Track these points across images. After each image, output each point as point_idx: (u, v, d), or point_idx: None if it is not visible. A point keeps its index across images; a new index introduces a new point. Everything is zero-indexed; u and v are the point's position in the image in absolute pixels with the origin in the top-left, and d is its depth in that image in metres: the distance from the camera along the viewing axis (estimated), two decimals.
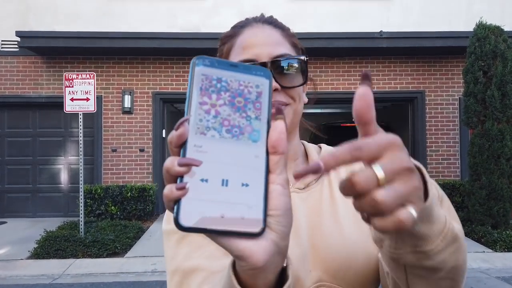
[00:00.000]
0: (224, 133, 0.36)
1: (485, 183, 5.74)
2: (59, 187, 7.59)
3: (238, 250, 0.34)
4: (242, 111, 0.37)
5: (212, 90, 0.36)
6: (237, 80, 0.37)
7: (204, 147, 0.35)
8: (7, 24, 7.20)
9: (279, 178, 0.36)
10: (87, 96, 5.61)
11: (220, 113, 0.36)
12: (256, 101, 0.37)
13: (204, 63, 0.37)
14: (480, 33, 5.91)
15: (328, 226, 0.69)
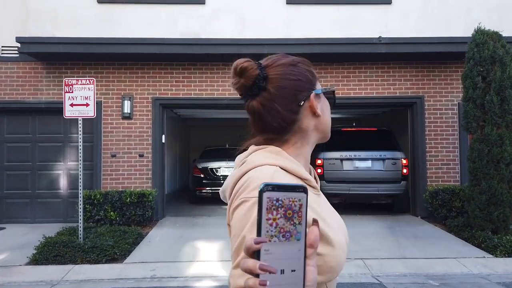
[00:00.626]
0: (281, 238, 0.53)
1: (485, 188, 5.73)
2: (58, 193, 7.58)
3: None
4: (291, 220, 0.53)
5: (273, 208, 0.53)
6: (288, 198, 0.53)
7: (270, 250, 0.52)
8: (7, 30, 7.23)
9: (312, 262, 0.55)
10: (87, 102, 5.62)
11: (278, 224, 0.53)
12: (299, 211, 0.54)
13: (268, 189, 0.53)
14: (478, 39, 5.94)
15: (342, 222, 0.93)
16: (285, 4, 7.07)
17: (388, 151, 7.61)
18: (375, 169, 7.54)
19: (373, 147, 7.68)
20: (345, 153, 7.59)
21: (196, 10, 7.06)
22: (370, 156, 7.57)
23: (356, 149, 7.65)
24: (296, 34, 6.99)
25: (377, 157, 7.55)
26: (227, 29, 7.00)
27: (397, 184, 7.51)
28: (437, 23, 7.01)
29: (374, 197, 7.72)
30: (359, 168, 7.57)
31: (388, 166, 7.52)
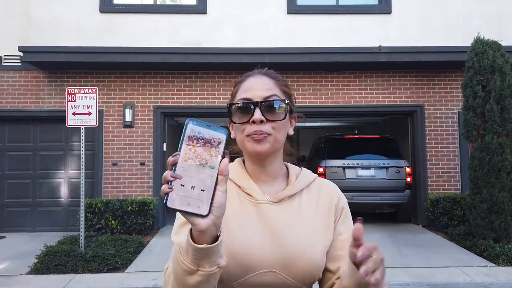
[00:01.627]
0: (196, 162, 0.67)
1: (486, 197, 5.74)
2: (59, 201, 7.56)
3: (193, 220, 0.67)
4: (208, 151, 0.67)
5: (194, 138, 0.67)
6: (209, 133, 0.68)
7: (185, 168, 0.66)
8: (10, 39, 7.28)
9: (221, 188, 0.68)
10: (89, 111, 5.64)
11: (196, 151, 0.67)
12: (216, 146, 0.68)
13: (193, 122, 0.68)
14: (478, 48, 5.99)
15: (291, 232, 0.94)
16: (286, 14, 7.14)
17: (392, 159, 7.48)
18: (378, 178, 7.40)
19: (376, 155, 7.57)
20: (347, 161, 7.46)
21: (197, 20, 7.11)
22: (373, 164, 7.42)
23: (358, 157, 7.53)
24: (297, 43, 7.04)
25: (380, 166, 7.40)
26: (228, 38, 7.06)
27: (401, 193, 7.36)
28: (436, 32, 7.08)
29: (378, 206, 7.56)
30: (362, 177, 7.40)
31: (391, 174, 7.37)
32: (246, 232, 0.92)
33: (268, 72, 1.02)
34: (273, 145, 0.95)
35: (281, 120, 0.95)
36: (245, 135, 0.95)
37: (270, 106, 0.94)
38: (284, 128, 0.98)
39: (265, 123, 0.93)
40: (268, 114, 0.93)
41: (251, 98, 0.94)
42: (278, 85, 1.00)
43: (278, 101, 0.95)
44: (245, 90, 0.97)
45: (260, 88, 0.96)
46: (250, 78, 1.00)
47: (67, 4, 6.98)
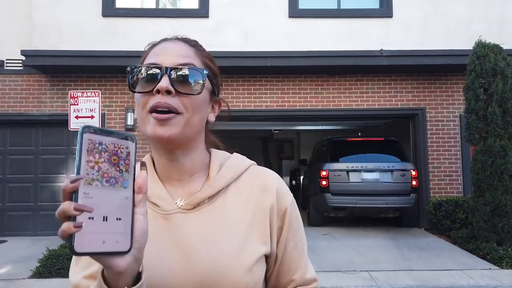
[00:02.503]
0: (104, 183, 0.51)
1: (489, 200, 5.74)
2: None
3: (108, 262, 0.51)
4: (116, 166, 0.52)
5: (96, 151, 0.51)
6: (113, 143, 0.52)
7: (90, 194, 0.49)
8: (12, 43, 7.29)
9: (141, 210, 0.54)
10: (92, 114, 5.66)
11: (101, 168, 0.51)
12: (126, 159, 0.53)
13: (89, 131, 0.51)
14: (479, 51, 6.02)
15: (207, 247, 0.73)
16: (288, 18, 7.17)
17: (397, 162, 7.28)
18: (383, 181, 7.17)
19: (380, 158, 7.38)
20: (351, 164, 7.21)
21: (199, 24, 7.14)
22: (377, 167, 7.19)
23: (363, 160, 7.32)
24: (299, 47, 7.06)
25: (385, 169, 7.18)
26: (230, 42, 7.08)
27: (407, 196, 7.11)
28: (437, 36, 7.11)
29: (382, 211, 7.34)
30: (367, 180, 7.16)
31: (396, 178, 7.14)
32: (155, 254, 0.71)
33: (187, 39, 0.82)
34: (183, 129, 0.72)
35: (195, 95, 0.73)
36: (147, 110, 0.71)
37: (183, 76, 0.72)
38: (201, 109, 0.76)
39: (174, 96, 0.71)
40: (180, 86, 0.71)
41: (160, 63, 0.73)
42: (199, 55, 0.79)
43: (195, 71, 0.73)
44: (155, 54, 0.77)
45: (172, 53, 0.75)
46: (164, 42, 0.80)
47: (69, 8, 7.01)
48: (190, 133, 0.74)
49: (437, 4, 7.18)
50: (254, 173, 0.83)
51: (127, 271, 0.52)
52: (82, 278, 0.72)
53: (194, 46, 0.80)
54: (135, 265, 0.54)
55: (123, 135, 0.54)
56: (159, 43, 0.80)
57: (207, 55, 0.82)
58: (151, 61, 0.75)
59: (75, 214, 0.47)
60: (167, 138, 0.71)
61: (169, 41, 0.79)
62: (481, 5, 7.18)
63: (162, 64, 0.73)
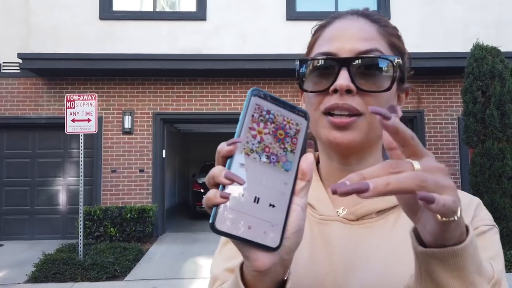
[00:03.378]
0: (263, 158, 0.42)
1: (487, 203, 5.71)
2: (57, 209, 7.50)
3: (250, 254, 0.41)
4: (281, 142, 0.43)
5: (261, 119, 0.43)
6: (282, 115, 0.44)
7: (246, 166, 0.41)
8: (9, 46, 7.27)
9: (301, 201, 0.42)
10: (88, 117, 5.62)
11: (264, 140, 0.43)
12: (293, 137, 0.44)
13: (259, 94, 0.43)
14: (477, 54, 6.01)
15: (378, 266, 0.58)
16: (285, 21, 7.16)
17: None
18: None
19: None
20: None
21: (197, 27, 7.13)
22: None
23: None
24: (297, 50, 7.03)
25: None
26: (228, 45, 7.06)
27: None
28: (435, 38, 7.10)
29: None
30: None
31: None
32: (306, 262, 0.61)
33: (368, 13, 0.65)
34: (366, 133, 0.60)
35: (383, 91, 0.59)
36: (321, 112, 0.60)
37: (367, 68, 0.58)
38: (388, 105, 0.60)
39: (355, 95, 0.58)
40: (363, 81, 0.58)
41: (336, 52, 0.60)
42: (384, 34, 0.63)
43: (382, 60, 0.59)
44: (328, 39, 0.63)
45: (352, 37, 0.61)
46: (338, 20, 0.65)
47: (67, 11, 6.99)
48: (374, 136, 0.61)
49: (435, 7, 7.18)
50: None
51: (269, 272, 0.42)
52: (223, 271, 0.64)
53: (377, 21, 0.64)
54: (280, 268, 0.43)
55: (296, 109, 0.45)
56: (331, 22, 0.65)
57: (392, 31, 0.65)
58: (324, 49, 0.61)
59: (225, 183, 0.39)
60: (346, 145, 0.59)
61: (345, 19, 0.64)
62: (478, 8, 7.18)
63: (339, 53, 0.59)
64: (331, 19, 0.66)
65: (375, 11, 0.66)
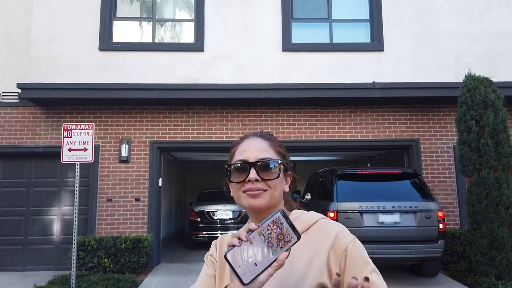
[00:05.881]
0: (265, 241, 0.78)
1: (485, 232, 5.67)
2: (51, 239, 7.39)
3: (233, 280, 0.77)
4: (278, 241, 0.78)
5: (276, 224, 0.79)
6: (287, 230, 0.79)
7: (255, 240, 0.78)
8: (9, 76, 7.37)
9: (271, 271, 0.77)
10: (85, 146, 5.63)
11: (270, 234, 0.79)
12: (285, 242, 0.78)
13: (283, 214, 0.80)
14: (470, 84, 6.12)
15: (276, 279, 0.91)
16: (281, 52, 7.31)
17: (420, 201, 5.98)
18: (405, 225, 5.81)
19: (400, 196, 6.07)
20: (365, 204, 5.84)
21: (195, 57, 7.26)
22: (397, 207, 5.85)
23: (379, 198, 5.95)
24: (292, 80, 7.17)
25: (407, 209, 5.84)
26: (225, 74, 7.18)
27: (434, 244, 5.80)
28: (428, 69, 7.25)
29: (404, 261, 6.21)
30: (385, 224, 5.80)
31: (421, 220, 5.82)
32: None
33: (263, 134, 1.10)
34: (269, 201, 1.00)
35: (275, 179, 1.01)
36: (242, 191, 1.01)
37: (264, 166, 1.00)
38: (280, 186, 1.03)
39: (260, 181, 0.99)
40: (263, 173, 1.00)
41: (247, 159, 1.01)
42: (272, 146, 1.06)
43: (272, 161, 1.01)
44: (241, 151, 1.04)
45: (255, 149, 1.03)
46: (246, 140, 1.08)
47: (67, 42, 7.13)
48: (274, 202, 1.02)
49: (427, 38, 7.36)
50: (322, 225, 1.03)
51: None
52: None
53: (269, 139, 1.08)
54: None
55: (296, 231, 0.79)
56: (242, 141, 1.09)
57: (277, 144, 1.09)
58: (240, 158, 1.03)
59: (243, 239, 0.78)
60: (257, 207, 0.99)
61: (250, 139, 1.08)
62: (470, 39, 7.37)
63: (249, 160, 1.01)
64: (241, 139, 1.10)
65: (267, 133, 1.12)
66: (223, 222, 9.42)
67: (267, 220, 0.79)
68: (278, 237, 0.78)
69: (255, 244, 0.77)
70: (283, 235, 0.78)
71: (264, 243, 0.77)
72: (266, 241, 0.77)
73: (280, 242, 0.77)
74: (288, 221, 0.79)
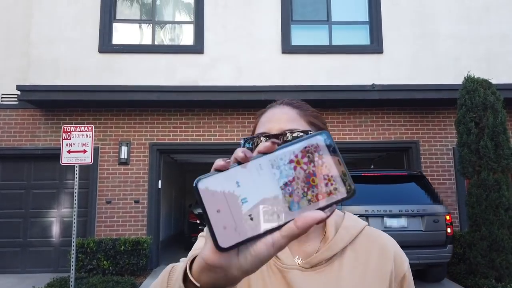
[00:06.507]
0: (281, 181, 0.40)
1: (485, 234, 5.66)
2: (50, 241, 7.37)
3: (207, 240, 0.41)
4: (307, 186, 0.41)
5: (309, 156, 0.41)
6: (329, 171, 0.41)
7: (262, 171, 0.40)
8: (8, 78, 7.37)
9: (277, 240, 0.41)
10: (84, 148, 5.62)
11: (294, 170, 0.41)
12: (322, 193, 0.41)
13: (325, 138, 0.42)
14: (469, 86, 6.12)
15: None
16: (281, 54, 7.32)
17: (427, 204, 5.77)
18: (412, 230, 5.61)
19: (406, 199, 5.84)
20: (371, 208, 5.60)
21: (194, 59, 7.27)
22: (404, 211, 5.62)
23: (384, 201, 5.72)
24: (292, 82, 7.18)
25: (414, 213, 5.64)
26: (225, 77, 7.19)
27: (442, 249, 5.65)
28: (427, 71, 7.26)
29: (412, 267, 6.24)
30: (391, 228, 5.55)
31: (429, 225, 5.63)
32: None
33: (291, 102, 0.87)
34: None
35: None
36: None
37: (288, 140, 0.76)
38: None
39: None
40: None
41: (267, 131, 0.80)
42: (303, 115, 0.84)
43: (297, 133, 0.77)
44: (263, 122, 0.84)
45: (280, 120, 0.82)
46: (271, 109, 0.87)
47: (66, 44, 7.14)
48: None
49: (426, 41, 7.37)
50: (369, 235, 0.84)
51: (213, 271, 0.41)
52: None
53: (298, 107, 0.86)
54: (223, 278, 0.42)
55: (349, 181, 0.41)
56: (266, 110, 0.87)
57: (311, 113, 0.86)
58: (261, 130, 0.83)
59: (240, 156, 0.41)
60: None
61: (275, 108, 0.86)
62: (469, 42, 7.38)
63: (270, 132, 0.80)
64: (267, 108, 0.88)
65: (297, 101, 0.88)
66: None
67: (294, 143, 0.42)
68: (310, 180, 0.41)
69: (259, 180, 0.40)
70: (318, 179, 0.41)
71: (277, 182, 0.40)
72: (283, 181, 0.40)
73: (310, 191, 0.41)
74: (334, 152, 0.42)
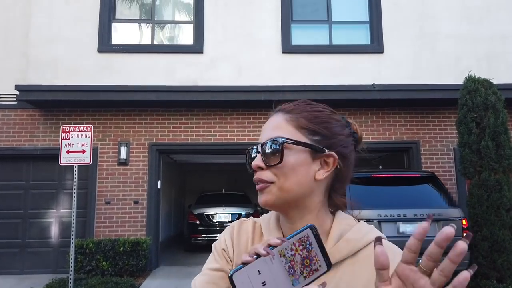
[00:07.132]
0: (286, 265, 0.58)
1: (486, 235, 5.63)
2: (49, 242, 7.33)
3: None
4: (302, 267, 0.58)
5: (303, 244, 0.59)
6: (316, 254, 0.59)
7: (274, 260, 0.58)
8: (8, 78, 7.33)
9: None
10: (83, 149, 5.59)
11: (294, 256, 0.59)
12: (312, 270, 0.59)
13: (313, 231, 0.60)
14: (470, 86, 6.09)
15: None
16: (281, 53, 7.29)
17: (443, 208, 5.45)
18: (428, 235, 5.07)
19: (421, 202, 5.54)
20: (384, 212, 5.25)
21: (194, 59, 7.24)
22: (419, 215, 5.26)
23: (397, 205, 5.36)
24: (292, 82, 7.15)
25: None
26: (224, 76, 7.16)
27: None
28: (428, 71, 7.23)
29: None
30: (405, 234, 5.18)
31: None
32: None
33: (284, 107, 0.83)
34: (279, 196, 0.76)
35: (277, 165, 0.75)
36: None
37: (267, 150, 0.77)
38: (294, 172, 0.76)
39: (266, 169, 0.77)
40: (268, 159, 0.76)
41: (259, 141, 0.81)
42: (291, 120, 0.79)
43: (271, 142, 0.76)
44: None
45: (266, 128, 0.81)
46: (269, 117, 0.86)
47: (65, 44, 7.10)
48: (289, 197, 0.77)
49: (427, 41, 7.35)
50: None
51: None
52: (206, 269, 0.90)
53: (289, 112, 0.81)
54: None
55: (328, 259, 0.59)
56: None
57: (305, 116, 0.80)
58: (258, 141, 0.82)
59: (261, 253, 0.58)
60: (264, 204, 0.78)
61: (271, 115, 0.84)
62: (469, 42, 7.36)
63: (260, 142, 0.80)
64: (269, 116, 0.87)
65: (293, 104, 0.83)
66: (223, 225, 9.37)
67: (293, 235, 0.59)
68: (304, 262, 0.58)
69: (272, 267, 0.57)
70: (309, 260, 0.58)
71: (284, 267, 0.58)
72: (287, 265, 0.58)
73: (305, 270, 0.58)
74: (318, 241, 0.59)
